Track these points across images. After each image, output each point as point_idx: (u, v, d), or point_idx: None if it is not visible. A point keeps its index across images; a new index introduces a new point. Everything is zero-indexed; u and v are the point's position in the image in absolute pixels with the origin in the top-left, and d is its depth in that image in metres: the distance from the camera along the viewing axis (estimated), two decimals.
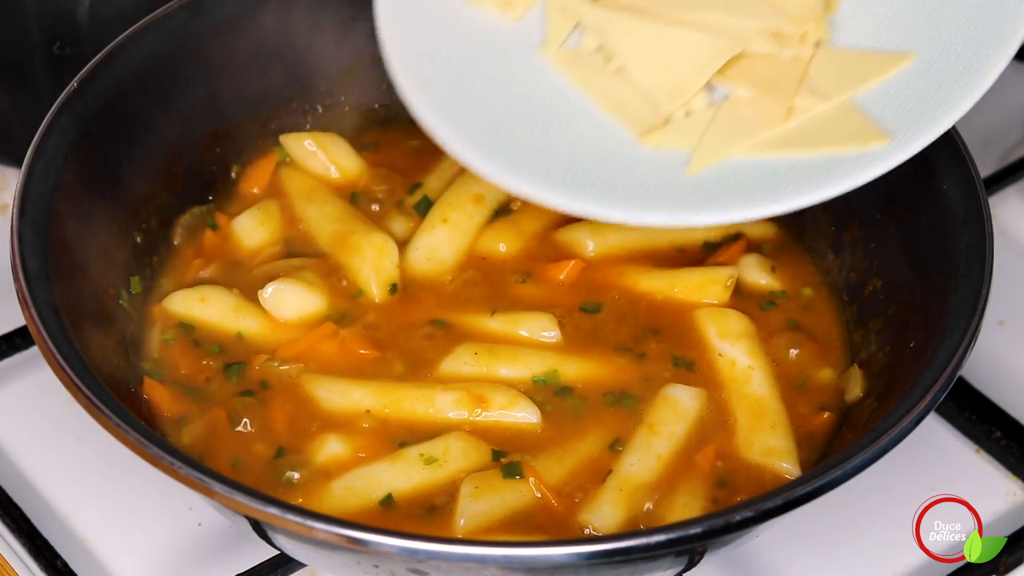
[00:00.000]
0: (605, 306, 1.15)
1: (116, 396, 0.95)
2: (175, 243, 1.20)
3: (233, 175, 1.26)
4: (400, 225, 1.21)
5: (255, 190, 1.25)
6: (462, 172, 1.21)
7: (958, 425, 1.18)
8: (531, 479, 1.02)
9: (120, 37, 1.16)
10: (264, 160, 1.26)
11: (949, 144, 1.08)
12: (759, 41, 1.08)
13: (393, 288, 1.16)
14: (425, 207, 1.21)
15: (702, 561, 0.97)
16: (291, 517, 0.87)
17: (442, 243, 1.18)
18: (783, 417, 1.07)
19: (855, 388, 1.08)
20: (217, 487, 0.88)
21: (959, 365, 0.96)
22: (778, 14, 1.08)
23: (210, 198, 1.24)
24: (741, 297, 1.16)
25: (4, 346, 1.21)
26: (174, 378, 1.10)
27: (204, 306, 1.14)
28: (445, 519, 1.01)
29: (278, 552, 1.03)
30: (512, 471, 1.03)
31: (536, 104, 1.09)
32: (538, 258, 1.19)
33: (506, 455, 1.04)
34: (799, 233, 1.21)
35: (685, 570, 0.97)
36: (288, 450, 1.05)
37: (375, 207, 1.23)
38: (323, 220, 1.21)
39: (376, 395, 1.08)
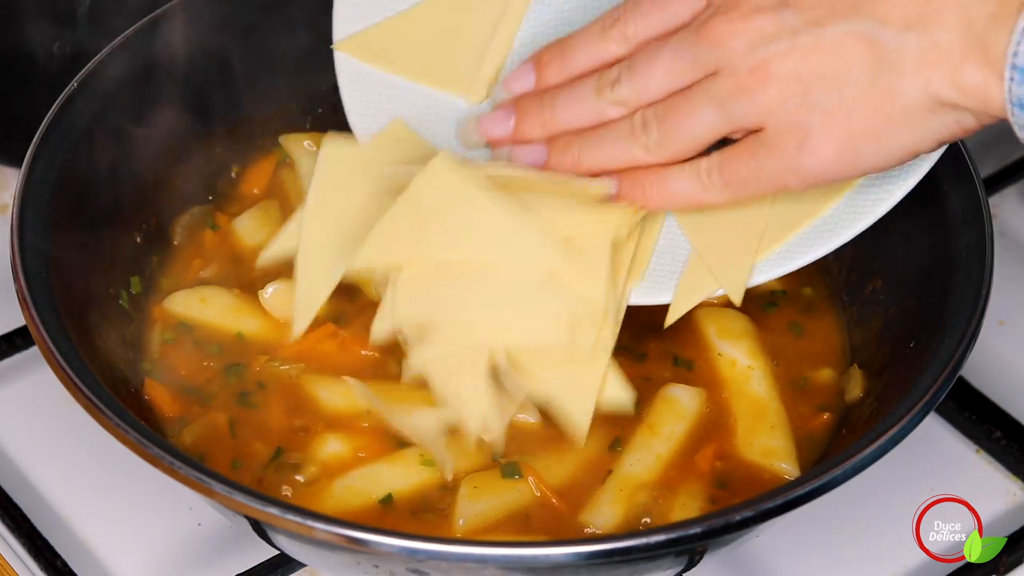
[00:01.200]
0: None
1: (116, 396, 0.95)
2: (175, 243, 1.20)
3: (233, 175, 1.26)
4: None
5: (255, 190, 1.25)
6: None
7: (958, 425, 1.18)
8: (530, 479, 1.02)
9: (120, 37, 1.16)
10: (264, 160, 1.26)
11: (949, 144, 1.08)
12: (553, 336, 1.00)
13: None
14: None
15: (702, 561, 0.97)
16: (291, 517, 0.87)
17: None
18: (783, 417, 1.07)
19: (855, 388, 1.08)
20: (217, 487, 0.88)
21: (959, 365, 0.96)
22: (575, 303, 0.99)
23: (210, 198, 1.24)
24: None
25: (4, 346, 1.21)
26: (174, 378, 1.10)
27: (204, 306, 1.14)
28: (445, 519, 1.01)
29: (278, 552, 1.03)
30: (511, 471, 1.02)
31: None
32: None
33: (505, 455, 1.04)
34: None
35: (685, 570, 0.97)
36: (288, 450, 1.05)
37: None
38: None
39: (376, 395, 1.08)
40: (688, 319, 1.13)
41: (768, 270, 1.03)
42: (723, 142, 0.95)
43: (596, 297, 0.98)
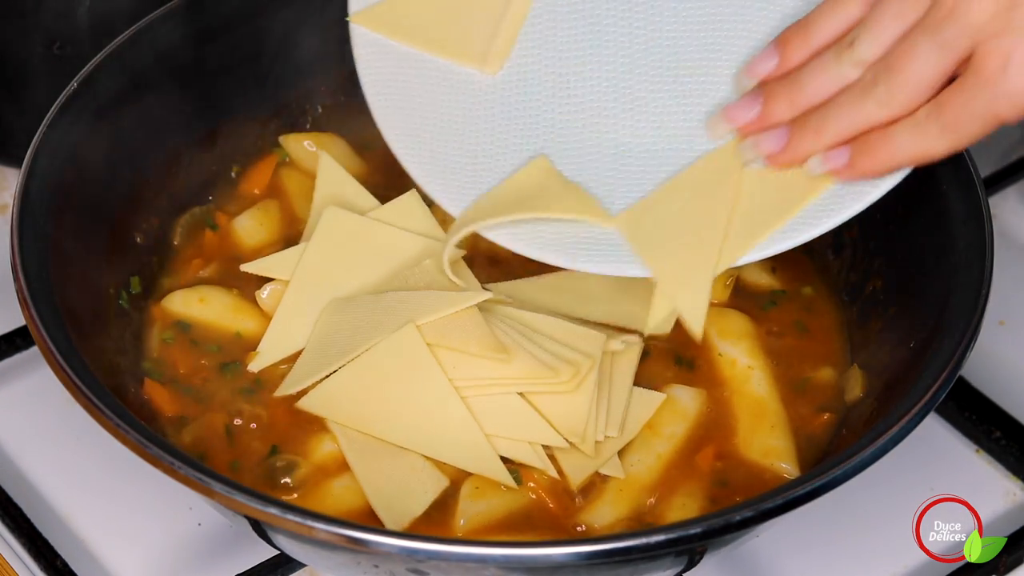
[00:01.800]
0: None
1: (116, 396, 0.95)
2: (175, 243, 1.20)
3: (233, 175, 1.26)
4: None
5: (255, 190, 1.25)
6: None
7: (958, 425, 1.18)
8: (530, 481, 1.02)
9: (120, 37, 1.16)
10: (264, 160, 1.26)
11: None
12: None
13: None
14: None
15: (702, 561, 0.97)
16: (291, 517, 0.87)
17: None
18: (783, 417, 1.07)
19: (855, 388, 1.08)
20: (217, 487, 0.88)
21: (959, 365, 0.96)
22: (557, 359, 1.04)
23: (210, 198, 1.24)
24: (741, 297, 1.16)
25: (4, 346, 1.21)
26: (173, 378, 1.10)
27: (203, 306, 1.14)
28: (445, 519, 1.01)
29: (278, 552, 1.03)
30: (512, 471, 1.02)
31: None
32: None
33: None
34: None
35: (685, 570, 0.97)
36: (287, 449, 1.05)
37: None
38: None
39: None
40: None
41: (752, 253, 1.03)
42: None
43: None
